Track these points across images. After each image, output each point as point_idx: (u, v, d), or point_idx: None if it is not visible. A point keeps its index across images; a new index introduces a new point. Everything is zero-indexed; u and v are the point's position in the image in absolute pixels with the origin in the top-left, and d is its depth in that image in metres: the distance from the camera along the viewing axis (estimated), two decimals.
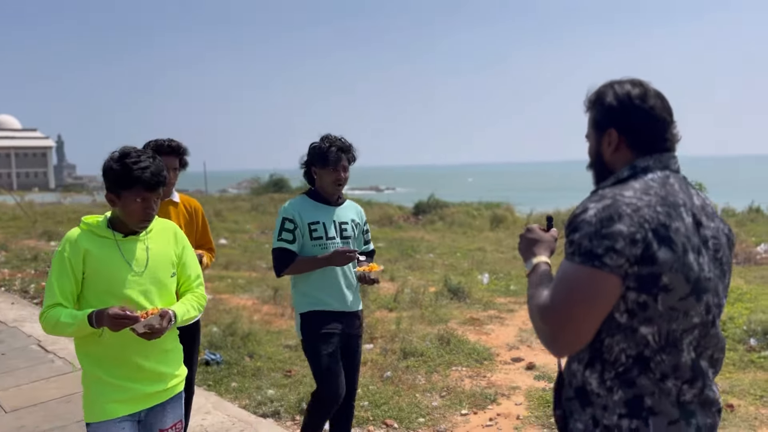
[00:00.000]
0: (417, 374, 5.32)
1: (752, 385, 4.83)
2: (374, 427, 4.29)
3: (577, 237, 1.50)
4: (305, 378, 5.12)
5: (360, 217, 3.51)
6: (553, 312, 1.48)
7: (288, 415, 4.48)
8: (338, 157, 3.27)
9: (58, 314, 2.28)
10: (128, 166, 2.29)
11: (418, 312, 7.40)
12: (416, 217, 20.72)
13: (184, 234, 2.63)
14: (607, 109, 1.66)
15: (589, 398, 1.57)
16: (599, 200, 1.53)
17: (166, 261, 2.48)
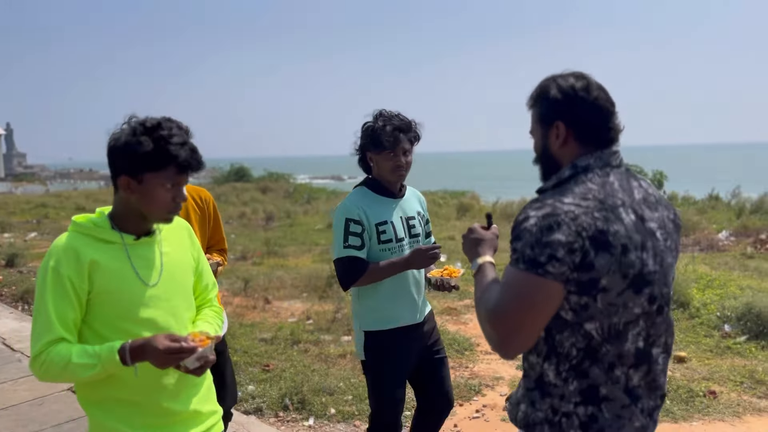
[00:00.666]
0: None
1: (731, 371, 4.89)
2: (360, 422, 4.18)
3: (520, 245, 1.55)
4: (284, 372, 4.99)
5: (423, 207, 2.96)
6: (503, 319, 1.53)
7: (271, 411, 4.34)
8: (395, 138, 2.67)
9: (67, 353, 1.70)
10: (162, 140, 1.75)
11: None
12: None
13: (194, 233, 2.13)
14: (552, 102, 1.68)
15: (547, 389, 1.65)
16: (540, 208, 1.56)
17: (185, 268, 1.98)
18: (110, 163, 1.81)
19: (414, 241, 2.80)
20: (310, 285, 8.30)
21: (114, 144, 1.78)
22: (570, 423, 1.62)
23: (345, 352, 5.58)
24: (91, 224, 1.83)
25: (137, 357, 1.72)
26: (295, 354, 5.54)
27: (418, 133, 2.78)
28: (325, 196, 24.37)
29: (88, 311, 1.79)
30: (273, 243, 12.30)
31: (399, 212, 2.79)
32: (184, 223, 2.07)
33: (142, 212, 1.84)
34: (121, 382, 1.80)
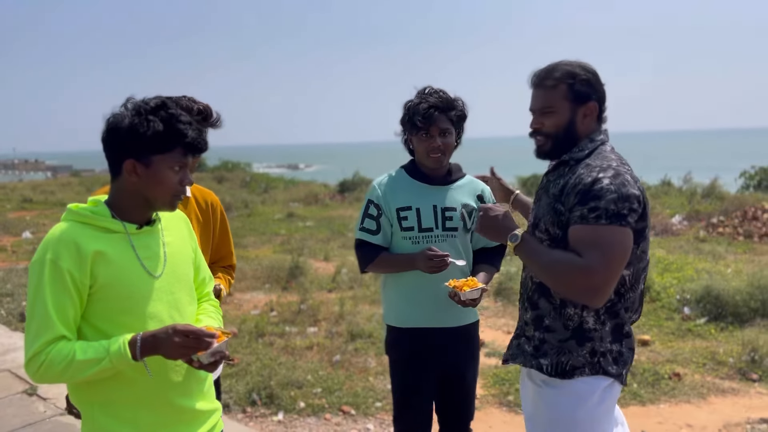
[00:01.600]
0: (367, 356, 5.17)
1: (693, 353, 5.00)
2: (331, 415, 4.10)
3: (603, 203, 1.75)
4: (250, 366, 4.86)
5: (479, 201, 2.56)
6: (600, 271, 1.74)
7: (238, 407, 4.21)
8: (430, 117, 2.39)
9: (69, 351, 1.57)
10: (172, 118, 1.64)
11: (360, 292, 7.24)
12: (342, 195, 20.50)
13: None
14: (585, 82, 1.91)
15: (588, 334, 1.90)
16: (604, 170, 1.81)
17: (186, 259, 1.86)
18: (111, 147, 1.67)
19: (449, 234, 2.48)
20: (272, 276, 8.15)
21: (117, 126, 1.64)
22: (606, 360, 1.90)
23: (311, 343, 5.48)
24: (89, 212, 1.68)
25: (148, 351, 1.60)
26: (260, 347, 5.42)
27: (463, 111, 2.48)
28: (282, 185, 24.02)
29: (87, 307, 1.65)
30: (232, 233, 12.02)
31: (434, 200, 2.49)
32: (181, 213, 1.95)
33: (148, 198, 1.70)
34: (128, 379, 1.67)
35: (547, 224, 1.92)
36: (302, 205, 18.23)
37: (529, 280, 2.05)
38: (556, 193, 1.90)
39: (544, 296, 1.98)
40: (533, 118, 1.99)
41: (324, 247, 10.46)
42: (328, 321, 6.16)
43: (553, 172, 2.01)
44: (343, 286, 7.65)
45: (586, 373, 1.91)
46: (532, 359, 2.00)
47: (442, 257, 2.33)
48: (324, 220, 14.57)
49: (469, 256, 2.56)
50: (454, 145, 2.48)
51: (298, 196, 20.14)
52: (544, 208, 1.96)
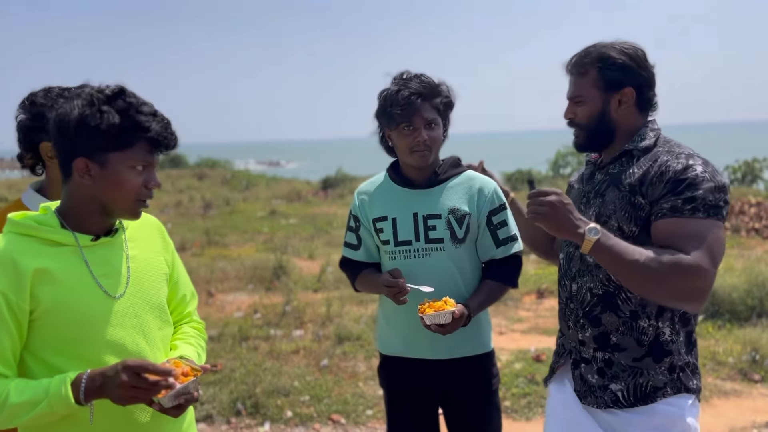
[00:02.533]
0: (356, 360, 4.96)
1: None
2: (320, 425, 3.90)
3: (700, 193, 1.58)
4: (234, 373, 4.63)
5: (476, 203, 2.08)
6: (709, 270, 1.55)
7: (222, 417, 3.98)
8: (410, 106, 1.99)
9: (1, 391, 1.32)
10: (130, 109, 1.38)
11: (347, 292, 7.03)
12: (325, 192, 20.27)
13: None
14: (620, 68, 1.73)
15: (665, 347, 1.70)
16: (692, 157, 1.65)
17: (157, 275, 1.57)
18: (59, 144, 1.41)
19: (433, 247, 2.05)
20: (255, 276, 7.90)
21: (63, 119, 1.38)
22: (686, 375, 1.72)
23: (297, 347, 5.26)
24: (33, 222, 1.41)
25: (94, 393, 1.32)
26: (244, 352, 5.18)
27: (449, 98, 2.09)
28: (264, 182, 23.71)
29: (31, 336, 1.38)
30: (213, 232, 11.76)
31: (414, 206, 2.08)
32: (153, 220, 1.66)
33: (105, 204, 1.44)
34: (80, 423, 1.40)
35: (621, 221, 1.70)
36: (285, 203, 17.95)
37: (587, 292, 1.79)
38: (634, 183, 1.69)
39: (610, 309, 1.75)
40: (566, 107, 1.84)
41: (308, 245, 10.24)
42: (314, 323, 5.95)
43: (612, 165, 1.79)
44: (329, 285, 7.43)
45: (668, 394, 1.70)
46: (601, 392, 1.75)
47: (397, 286, 1.93)
48: (307, 217, 14.33)
49: (470, 271, 2.10)
50: (441, 139, 2.09)
51: (280, 194, 19.86)
52: (614, 204, 1.73)
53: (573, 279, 1.84)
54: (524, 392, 4.17)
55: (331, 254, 9.28)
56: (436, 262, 2.05)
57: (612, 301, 1.74)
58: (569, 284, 1.86)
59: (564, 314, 1.90)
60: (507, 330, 5.51)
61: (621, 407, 1.73)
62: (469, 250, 2.09)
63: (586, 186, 1.87)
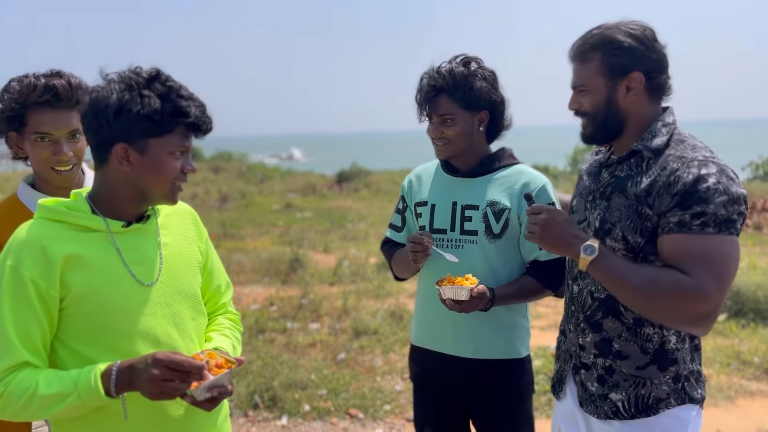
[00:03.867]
0: (373, 355, 4.93)
1: (717, 352, 4.77)
2: (338, 419, 3.86)
3: (711, 208, 1.44)
4: (251, 366, 4.61)
5: (517, 199, 1.97)
6: (714, 295, 1.43)
7: (239, 410, 3.96)
8: (427, 98, 1.94)
9: (31, 382, 1.27)
10: (171, 92, 1.33)
11: (363, 286, 6.99)
12: (339, 185, 20.26)
13: None
14: (626, 51, 1.57)
15: (670, 356, 1.60)
16: (705, 165, 1.48)
17: (190, 263, 1.52)
18: (96, 130, 1.35)
19: (466, 239, 1.97)
20: (271, 269, 7.90)
21: (100, 104, 1.32)
22: (690, 385, 1.62)
23: (314, 340, 5.24)
24: (63, 208, 1.37)
25: (125, 385, 1.27)
26: (261, 344, 5.17)
27: (476, 93, 1.92)
28: (279, 175, 23.76)
29: (61, 325, 1.34)
30: (229, 225, 11.78)
31: (454, 195, 2.01)
32: (187, 208, 1.61)
33: (143, 190, 1.38)
34: (112, 416, 1.35)
35: (626, 231, 1.57)
36: (300, 196, 17.97)
37: (588, 295, 1.69)
38: (640, 193, 1.56)
39: (612, 315, 1.64)
40: (571, 97, 1.69)
41: (324, 238, 10.22)
42: (330, 316, 5.92)
43: (620, 165, 1.65)
44: (345, 279, 7.40)
45: (672, 405, 1.60)
46: (601, 401, 1.66)
47: (421, 241, 1.89)
48: (323, 211, 14.32)
49: (504, 269, 1.98)
50: (463, 133, 1.95)
51: (295, 187, 19.88)
52: (620, 211, 1.60)
53: (574, 279, 1.74)
54: (544, 389, 4.11)
55: (346, 248, 9.26)
56: (467, 255, 1.97)
57: (615, 307, 1.63)
58: (571, 284, 1.76)
59: (567, 316, 1.80)
60: None
61: (621, 418, 1.63)
62: (505, 248, 1.98)
63: (593, 183, 1.74)
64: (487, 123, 2.00)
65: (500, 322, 1.99)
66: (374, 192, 18.13)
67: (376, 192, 18.06)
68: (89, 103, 1.35)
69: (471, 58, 1.97)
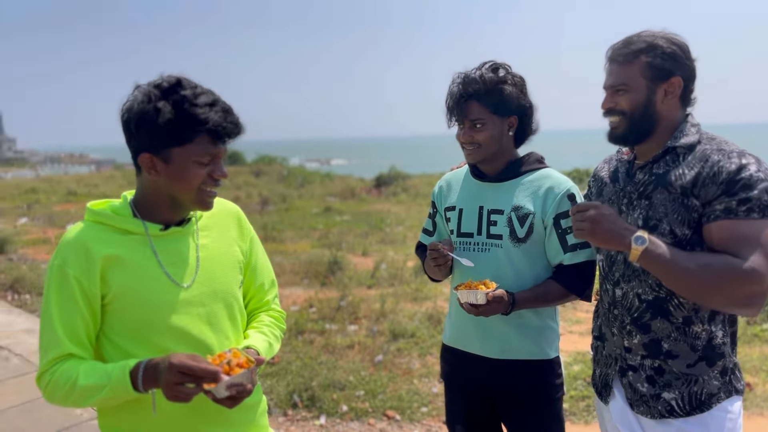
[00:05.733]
0: (410, 357, 4.96)
1: (763, 360, 4.65)
2: (375, 420, 3.91)
3: (755, 193, 1.52)
4: (291, 366, 4.70)
5: (541, 203, 1.97)
6: (759, 277, 1.48)
7: (279, 410, 4.05)
8: (458, 104, 1.97)
9: (74, 373, 1.37)
10: (185, 102, 1.37)
11: (401, 289, 7.03)
12: (378, 189, 20.36)
13: (247, 221, 1.70)
14: (670, 56, 1.66)
15: (718, 350, 1.66)
16: (744, 155, 1.58)
17: (229, 264, 1.58)
18: (126, 139, 1.44)
19: (492, 243, 2.00)
20: (310, 271, 8.01)
21: (127, 116, 1.41)
22: (735, 377, 1.69)
23: (352, 342, 5.30)
24: (109, 211, 1.47)
25: (150, 383, 1.34)
26: (300, 345, 5.26)
27: (507, 98, 1.95)
28: (319, 179, 24.01)
29: (105, 320, 1.44)
30: (270, 227, 11.98)
31: (481, 200, 2.05)
32: (232, 208, 1.67)
33: (173, 197, 1.47)
34: (149, 406, 1.43)
35: (674, 224, 1.63)
36: (339, 200, 18.13)
37: (634, 298, 1.73)
38: (686, 185, 1.61)
39: (661, 316, 1.69)
40: (605, 97, 1.74)
41: (362, 242, 10.30)
42: (368, 319, 5.98)
43: (656, 164, 1.71)
44: (382, 282, 7.45)
45: (722, 399, 1.66)
46: (654, 401, 1.70)
47: (437, 250, 1.96)
48: (361, 214, 14.43)
49: (530, 273, 1.99)
50: (494, 138, 1.97)
51: (334, 191, 20.07)
52: (665, 206, 1.65)
53: (616, 284, 1.77)
54: (582, 395, 4.07)
55: (384, 251, 9.32)
56: (492, 259, 2.00)
57: (663, 307, 1.68)
58: (612, 289, 1.78)
59: (607, 320, 1.82)
60: (565, 332, 5.39)
61: (676, 416, 1.67)
62: (530, 252, 1.99)
63: (627, 186, 1.77)
64: (515, 128, 2.03)
65: (527, 324, 2.01)
66: (412, 196, 18.17)
67: (415, 196, 18.09)
68: (121, 116, 1.43)
69: (500, 65, 2.01)
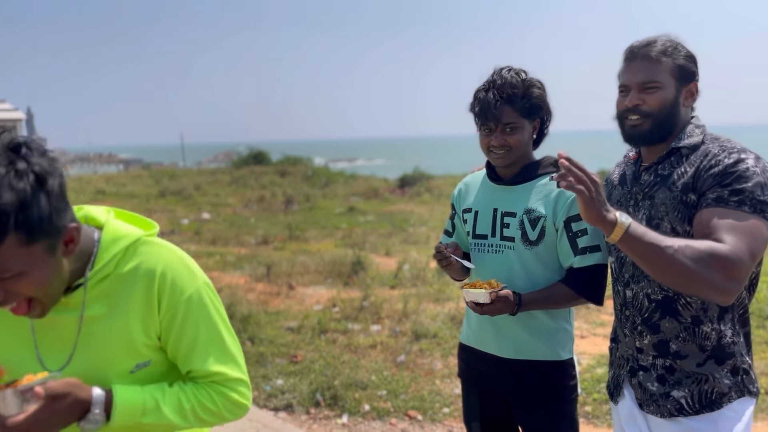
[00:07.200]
0: (432, 358, 4.97)
1: None
2: (397, 420, 3.93)
3: (749, 186, 1.51)
4: (313, 364, 4.75)
5: (552, 206, 1.98)
6: (745, 261, 1.45)
7: (302, 408, 4.10)
8: (488, 110, 1.97)
9: None
10: None
11: (423, 289, 7.05)
12: (402, 190, 20.37)
13: (188, 279, 1.33)
14: (693, 61, 1.69)
15: (727, 350, 1.65)
16: (743, 151, 1.58)
17: (116, 345, 1.28)
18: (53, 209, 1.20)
19: (505, 245, 2.03)
20: (334, 271, 8.06)
21: None
22: (748, 378, 1.66)
23: (375, 342, 5.33)
24: None
25: None
26: (323, 344, 5.31)
27: (539, 100, 2.00)
28: (343, 179, 24.11)
29: None
30: (294, 227, 12.08)
31: (495, 202, 2.08)
32: (152, 268, 1.30)
33: None
34: None
35: (674, 222, 1.64)
36: (362, 200, 18.19)
37: (644, 298, 1.73)
38: (687, 182, 1.62)
39: (670, 315, 1.68)
40: (631, 95, 1.69)
41: (385, 242, 10.33)
42: (391, 319, 6.00)
43: (660, 165, 1.71)
44: (405, 282, 7.47)
45: (733, 398, 1.64)
46: (663, 400, 1.70)
47: (440, 252, 2.04)
48: (384, 214, 14.46)
49: (542, 276, 2.01)
50: (523, 141, 2.00)
51: (358, 191, 20.14)
52: (665, 205, 1.66)
53: (626, 285, 1.78)
54: (606, 398, 4.05)
55: (407, 251, 9.34)
56: (506, 260, 2.04)
57: (672, 307, 1.67)
58: (623, 290, 1.79)
59: (620, 321, 1.82)
60: (589, 334, 5.36)
61: (686, 415, 1.66)
62: (542, 255, 2.01)
63: (633, 187, 1.78)
64: (537, 131, 2.08)
65: (539, 325, 2.03)
66: (436, 196, 18.15)
67: (438, 196, 18.07)
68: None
69: (518, 69, 2.03)
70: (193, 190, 20.20)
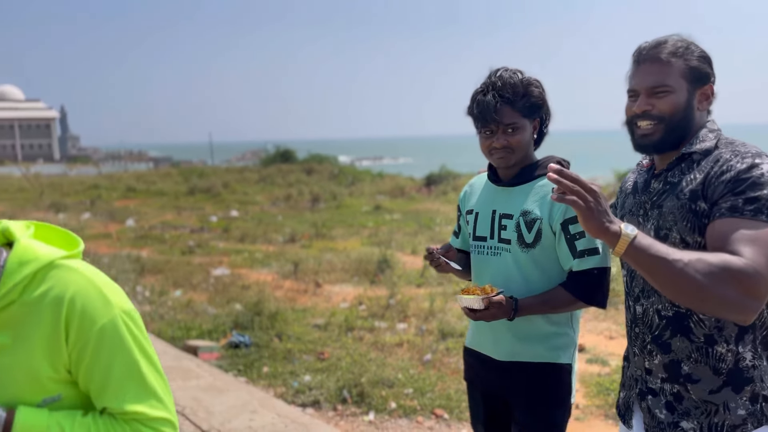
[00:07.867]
0: (458, 357, 4.97)
1: None
2: (423, 418, 3.95)
3: (765, 193, 1.40)
4: (340, 362, 4.79)
5: (548, 208, 1.95)
6: (757, 278, 1.33)
7: (329, 404, 4.14)
8: (488, 111, 1.94)
9: None
10: None
11: (449, 288, 7.05)
12: (428, 188, 20.36)
13: (102, 307, 1.20)
14: (707, 62, 1.59)
15: (746, 374, 1.51)
16: (758, 156, 1.47)
17: (19, 378, 1.19)
18: None
19: (502, 247, 2.01)
20: (360, 269, 8.11)
21: None
22: None
23: (401, 340, 5.36)
24: None
25: None
26: (350, 342, 5.35)
27: (539, 99, 1.99)
28: (369, 178, 24.18)
29: None
30: (321, 225, 12.17)
31: (494, 204, 2.07)
32: (62, 295, 1.19)
33: None
34: None
35: (683, 233, 1.52)
36: (389, 198, 18.23)
37: (654, 314, 1.61)
38: (696, 189, 1.51)
39: (681, 333, 1.55)
40: (640, 100, 1.59)
41: (411, 240, 10.35)
42: (417, 317, 6.02)
43: (670, 172, 1.60)
44: (431, 281, 7.49)
45: (747, 429, 1.50)
46: (671, 429, 1.57)
47: (431, 254, 2.08)
48: (411, 213, 14.48)
49: (539, 278, 1.97)
50: (525, 141, 1.98)
51: (384, 189, 20.20)
52: (674, 214, 1.55)
53: (636, 300, 1.67)
54: None
55: None
56: (503, 262, 2.02)
57: (684, 324, 1.54)
58: (633, 305, 1.68)
59: (630, 339, 1.71)
60: (617, 335, 5.31)
61: None
62: (538, 257, 1.97)
63: (642, 196, 1.67)
64: (537, 131, 2.05)
65: (536, 330, 2.00)
66: None
67: None
68: None
69: (515, 69, 2.01)
70: (221, 188, 20.48)
